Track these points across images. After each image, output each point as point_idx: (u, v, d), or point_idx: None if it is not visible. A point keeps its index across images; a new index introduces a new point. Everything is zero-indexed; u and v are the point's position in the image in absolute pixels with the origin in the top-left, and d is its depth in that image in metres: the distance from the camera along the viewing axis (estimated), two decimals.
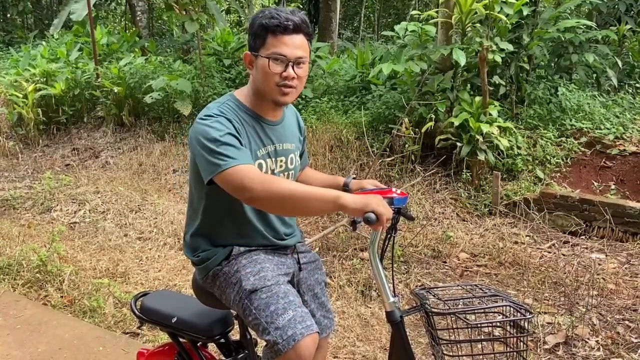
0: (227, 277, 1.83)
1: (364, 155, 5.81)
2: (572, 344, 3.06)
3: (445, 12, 5.42)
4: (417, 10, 6.38)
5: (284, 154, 1.90)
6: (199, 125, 1.72)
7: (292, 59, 1.73)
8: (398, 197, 1.72)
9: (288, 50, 1.72)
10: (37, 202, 5.57)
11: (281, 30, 1.71)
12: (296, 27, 1.72)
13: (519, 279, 3.90)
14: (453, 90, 5.52)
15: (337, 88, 7.29)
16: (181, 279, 3.91)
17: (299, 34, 1.74)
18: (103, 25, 12.25)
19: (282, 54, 1.71)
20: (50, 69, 8.46)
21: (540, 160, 5.45)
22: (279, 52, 1.71)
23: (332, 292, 3.67)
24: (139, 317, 2.10)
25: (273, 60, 1.72)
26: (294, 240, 1.99)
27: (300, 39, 1.75)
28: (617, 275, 3.90)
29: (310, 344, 1.66)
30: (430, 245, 4.39)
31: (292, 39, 1.73)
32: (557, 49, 6.15)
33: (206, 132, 1.68)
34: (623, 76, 6.83)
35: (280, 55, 1.72)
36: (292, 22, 1.71)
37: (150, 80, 7.52)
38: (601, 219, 4.60)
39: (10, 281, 3.90)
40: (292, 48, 1.72)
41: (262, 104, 1.82)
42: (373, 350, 3.02)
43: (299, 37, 1.74)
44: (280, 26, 1.70)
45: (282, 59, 1.72)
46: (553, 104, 5.97)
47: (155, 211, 5.18)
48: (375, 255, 1.71)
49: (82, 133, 8.10)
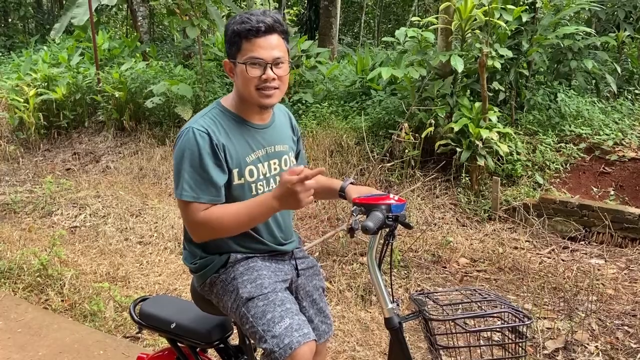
0: (224, 285, 1.83)
1: (364, 161, 5.83)
2: (571, 349, 3.06)
3: (445, 18, 5.45)
4: (417, 17, 6.41)
5: (277, 156, 1.90)
6: (180, 139, 1.74)
7: (270, 60, 1.71)
8: (396, 203, 1.71)
9: (264, 53, 1.71)
10: (38, 206, 5.58)
11: (254, 33, 1.70)
12: (269, 28, 1.71)
13: (519, 284, 3.90)
14: (453, 96, 5.54)
15: (338, 93, 7.32)
16: (181, 284, 3.92)
17: (273, 34, 1.73)
18: (104, 30, 12.28)
19: (258, 57, 1.70)
20: (52, 74, 8.49)
21: (540, 165, 5.46)
22: (254, 56, 1.71)
23: (332, 297, 3.68)
24: (138, 322, 2.10)
25: (250, 65, 1.71)
26: (292, 246, 1.98)
27: (276, 38, 1.73)
28: (617, 281, 3.90)
29: (307, 352, 1.66)
30: (430, 250, 4.40)
31: (267, 40, 1.71)
32: (557, 55, 6.18)
33: (183, 149, 1.72)
34: (622, 82, 6.85)
35: (256, 59, 1.71)
36: (263, 23, 1.70)
37: (151, 85, 7.55)
38: (600, 224, 4.61)
39: (11, 285, 3.91)
40: (267, 50, 1.71)
41: (247, 108, 1.82)
42: (373, 355, 3.02)
43: (273, 38, 1.73)
44: (252, 30, 1.69)
45: (259, 62, 1.71)
46: (552, 110, 5.99)
47: (156, 215, 5.19)
48: (374, 262, 1.71)
49: (82, 137, 8.12)
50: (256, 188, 1.83)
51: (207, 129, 1.73)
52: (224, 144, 1.74)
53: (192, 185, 1.70)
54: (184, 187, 1.70)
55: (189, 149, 1.71)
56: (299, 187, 1.57)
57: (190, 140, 1.71)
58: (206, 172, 1.71)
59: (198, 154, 1.70)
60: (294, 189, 1.58)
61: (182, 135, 1.74)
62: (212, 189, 1.72)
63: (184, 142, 1.72)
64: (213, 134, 1.73)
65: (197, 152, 1.70)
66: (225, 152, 1.74)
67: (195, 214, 1.70)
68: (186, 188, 1.70)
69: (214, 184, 1.72)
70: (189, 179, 1.70)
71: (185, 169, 1.70)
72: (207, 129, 1.73)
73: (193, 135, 1.71)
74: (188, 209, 1.71)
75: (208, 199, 1.71)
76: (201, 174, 1.70)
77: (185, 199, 1.70)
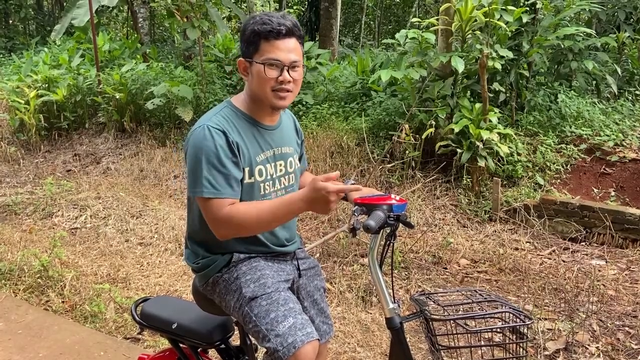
0: (227, 284, 1.84)
1: (365, 162, 5.83)
2: (572, 350, 3.06)
3: (446, 19, 5.45)
4: (417, 18, 6.41)
5: (283, 158, 1.91)
6: (194, 137, 1.74)
7: (287, 63, 1.73)
8: (397, 203, 1.71)
9: (282, 55, 1.72)
10: (39, 207, 5.58)
11: (274, 35, 1.71)
12: (288, 31, 1.73)
13: (519, 285, 3.90)
14: (453, 97, 5.54)
15: (338, 94, 7.32)
16: (182, 285, 3.92)
17: (292, 37, 1.75)
18: (105, 31, 12.30)
19: (277, 59, 1.72)
20: (52, 75, 8.50)
21: (540, 166, 5.46)
22: (273, 58, 1.72)
23: (332, 298, 3.67)
24: (139, 323, 2.11)
25: (268, 65, 1.72)
26: (294, 247, 1.99)
27: (294, 42, 1.76)
28: (617, 282, 3.90)
29: (310, 351, 1.66)
30: (430, 252, 4.40)
31: (286, 43, 1.73)
32: (557, 56, 6.18)
33: (199, 147, 1.71)
34: (622, 83, 6.86)
35: (275, 61, 1.72)
36: (284, 26, 1.72)
37: (151, 86, 7.55)
38: (601, 225, 4.61)
39: (11, 286, 3.91)
40: (286, 52, 1.73)
41: (259, 109, 1.83)
42: (374, 356, 3.02)
43: (292, 41, 1.75)
44: (273, 31, 1.71)
45: (277, 64, 1.73)
46: (553, 111, 5.99)
47: (157, 217, 5.20)
48: (375, 262, 1.71)
49: (83, 139, 8.13)
50: (264, 188, 1.84)
51: (222, 126, 1.74)
52: (237, 142, 1.75)
53: (212, 182, 1.69)
54: (203, 184, 1.69)
55: (206, 146, 1.70)
56: (333, 196, 1.57)
57: (207, 137, 1.70)
58: (226, 168, 1.70)
59: (216, 150, 1.70)
60: (328, 197, 1.57)
61: (196, 133, 1.74)
62: (233, 184, 1.72)
63: (199, 140, 1.71)
64: (228, 132, 1.73)
65: (214, 148, 1.70)
66: (238, 150, 1.75)
67: (219, 210, 1.69)
68: (206, 185, 1.69)
69: (234, 179, 1.72)
70: (208, 175, 1.69)
71: (203, 166, 1.69)
72: (222, 127, 1.73)
73: (209, 132, 1.71)
74: (211, 205, 1.70)
75: (230, 193, 1.71)
76: (221, 170, 1.70)
77: (206, 195, 1.69)
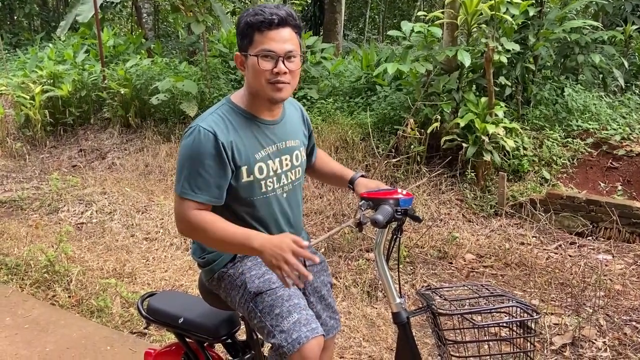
0: (232, 280, 1.84)
1: (370, 156, 5.81)
2: (579, 344, 3.05)
3: (451, 13, 5.41)
4: (422, 12, 6.37)
5: (288, 152, 1.89)
6: (185, 138, 1.75)
7: (282, 53, 1.69)
8: (404, 198, 1.71)
9: (276, 46, 1.68)
10: (45, 203, 5.61)
11: (267, 25, 1.68)
12: (282, 20, 1.69)
13: (526, 280, 3.89)
14: (459, 91, 5.51)
15: (343, 89, 7.30)
16: (187, 280, 3.93)
17: (286, 27, 1.71)
18: (109, 27, 12.30)
19: (270, 50, 1.69)
20: (57, 71, 8.52)
21: (547, 161, 5.43)
22: (267, 49, 1.68)
23: (338, 293, 3.67)
24: (146, 317, 2.12)
25: (262, 57, 1.69)
26: None
27: (288, 32, 1.72)
28: (624, 276, 3.88)
29: (315, 347, 1.66)
30: (436, 246, 4.38)
31: (280, 33, 1.70)
32: (563, 50, 6.13)
33: (187, 148, 1.72)
34: (629, 77, 6.79)
35: (268, 52, 1.69)
36: (277, 16, 1.68)
37: (156, 81, 7.55)
38: (608, 219, 4.58)
39: (18, 281, 3.93)
40: (280, 43, 1.69)
41: (258, 104, 1.80)
42: (379, 351, 3.02)
43: (286, 31, 1.71)
44: (265, 22, 1.68)
45: (271, 55, 1.69)
46: (559, 105, 5.95)
47: (162, 212, 5.21)
48: (382, 257, 1.71)
49: (88, 134, 8.15)
50: (265, 185, 1.82)
51: (214, 127, 1.72)
52: (231, 142, 1.73)
53: (190, 183, 1.70)
54: (183, 184, 1.71)
55: (193, 148, 1.71)
56: (291, 258, 1.56)
57: (195, 140, 1.70)
58: (207, 173, 1.70)
59: (201, 154, 1.69)
60: (284, 255, 1.56)
61: (189, 133, 1.74)
62: (211, 190, 1.72)
63: (189, 140, 1.72)
64: (219, 133, 1.71)
65: (200, 152, 1.69)
66: (232, 149, 1.73)
67: (187, 210, 1.71)
68: (185, 185, 1.71)
69: (215, 185, 1.72)
70: (189, 176, 1.70)
71: (186, 167, 1.71)
72: (213, 128, 1.71)
73: (198, 135, 1.70)
74: (182, 203, 1.72)
75: (205, 199, 1.71)
76: (202, 174, 1.70)
77: (182, 195, 1.71)
